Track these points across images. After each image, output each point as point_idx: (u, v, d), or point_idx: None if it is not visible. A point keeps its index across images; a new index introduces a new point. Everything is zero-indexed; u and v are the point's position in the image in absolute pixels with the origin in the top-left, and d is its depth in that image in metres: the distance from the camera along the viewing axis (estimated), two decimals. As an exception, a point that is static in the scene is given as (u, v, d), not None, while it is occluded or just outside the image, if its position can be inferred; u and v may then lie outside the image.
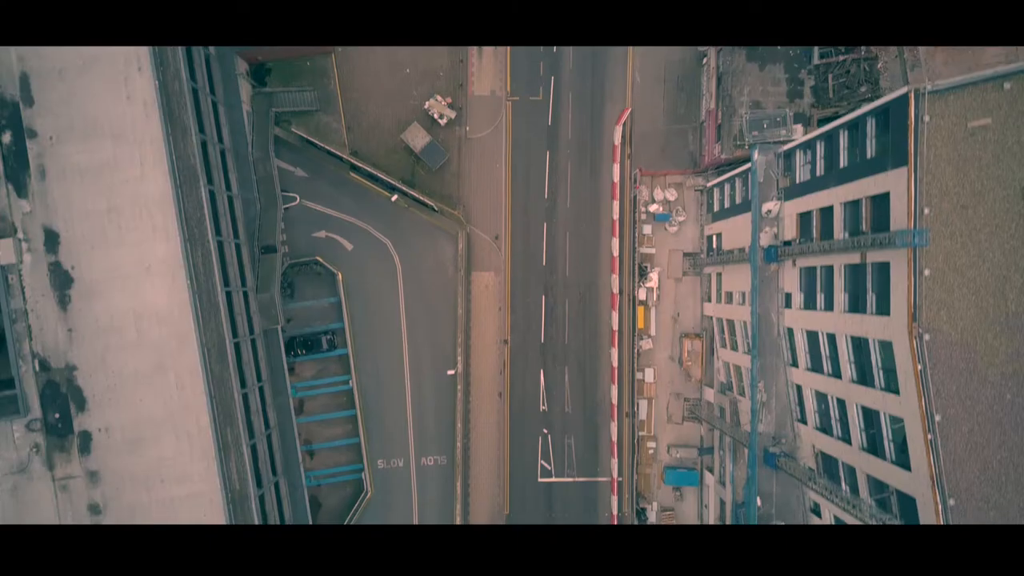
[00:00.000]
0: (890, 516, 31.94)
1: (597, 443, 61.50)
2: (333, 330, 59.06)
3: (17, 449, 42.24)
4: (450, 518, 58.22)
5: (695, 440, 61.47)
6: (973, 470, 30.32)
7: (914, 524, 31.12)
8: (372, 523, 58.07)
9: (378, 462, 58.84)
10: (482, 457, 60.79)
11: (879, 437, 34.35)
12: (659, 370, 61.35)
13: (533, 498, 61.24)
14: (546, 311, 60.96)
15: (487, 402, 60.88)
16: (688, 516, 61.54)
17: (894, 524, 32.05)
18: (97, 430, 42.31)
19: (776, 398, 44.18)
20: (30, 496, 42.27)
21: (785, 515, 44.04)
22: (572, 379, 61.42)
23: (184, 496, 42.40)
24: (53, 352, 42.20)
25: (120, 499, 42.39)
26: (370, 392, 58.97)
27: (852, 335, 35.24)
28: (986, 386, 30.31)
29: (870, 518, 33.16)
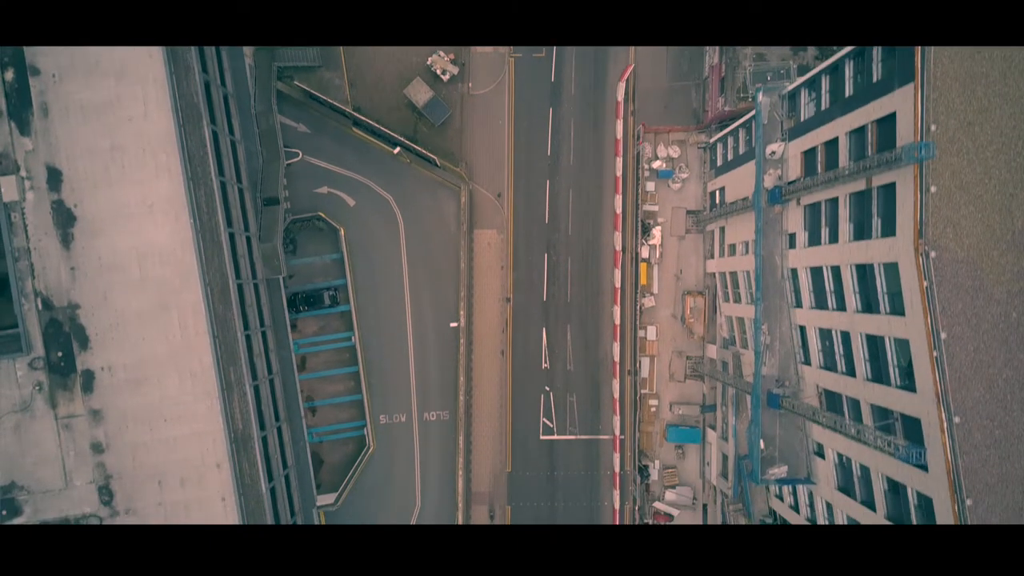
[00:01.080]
0: (894, 438, 31.89)
1: (599, 401, 61.44)
2: (335, 286, 58.97)
3: (20, 387, 42.20)
4: (452, 473, 58.22)
5: (697, 398, 61.44)
6: (979, 388, 30.24)
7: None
8: (373, 478, 58.06)
9: (380, 417, 58.81)
10: (484, 415, 60.73)
11: (884, 365, 34.29)
12: (661, 328, 61.31)
13: (535, 456, 61.20)
14: (548, 269, 60.88)
15: (489, 360, 60.81)
16: (690, 474, 61.55)
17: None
18: (100, 369, 42.27)
19: (780, 341, 44.09)
20: (33, 434, 42.25)
21: (788, 458, 43.97)
22: (574, 337, 61.35)
23: (187, 435, 42.38)
24: (56, 290, 42.13)
25: (122, 438, 42.37)
26: (372, 348, 58.90)
27: (857, 263, 35.15)
28: (992, 304, 30.22)
29: (875, 442, 33.11)
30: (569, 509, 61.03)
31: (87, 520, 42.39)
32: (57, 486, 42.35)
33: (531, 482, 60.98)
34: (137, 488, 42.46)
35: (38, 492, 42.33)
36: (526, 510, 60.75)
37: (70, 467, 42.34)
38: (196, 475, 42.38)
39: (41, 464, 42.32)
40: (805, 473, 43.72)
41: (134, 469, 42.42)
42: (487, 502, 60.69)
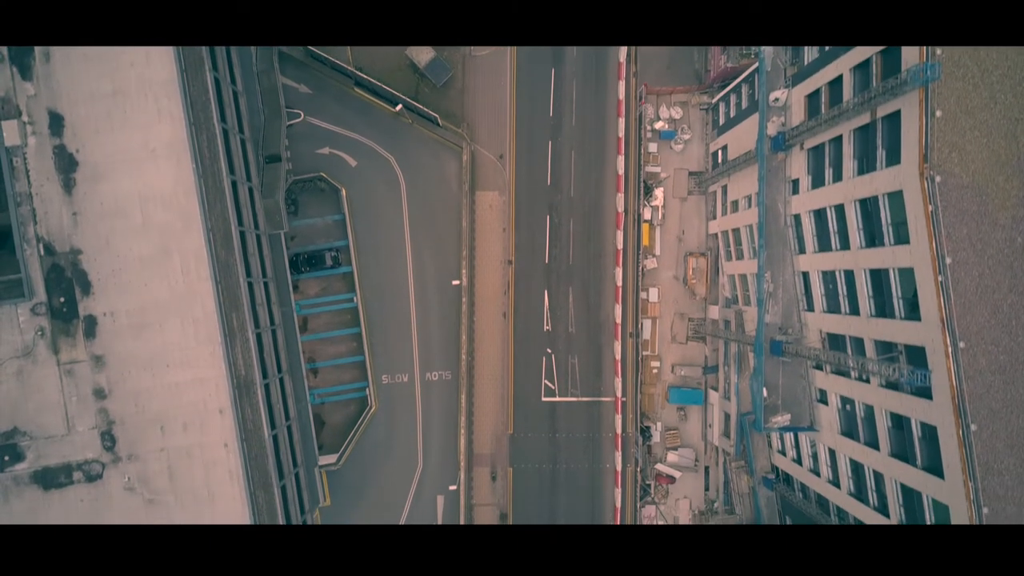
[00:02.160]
0: (897, 367, 31.87)
1: (601, 363, 61.39)
2: (337, 247, 58.86)
3: (22, 333, 42.13)
4: (454, 433, 58.19)
5: (699, 360, 61.43)
6: (983, 314, 30.22)
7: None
8: (375, 439, 58.01)
9: (382, 377, 58.75)
10: (486, 377, 60.67)
11: (888, 299, 34.27)
12: (663, 290, 61.28)
13: (537, 417, 61.14)
14: (550, 231, 60.78)
15: (491, 323, 60.71)
16: (692, 436, 61.54)
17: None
18: (102, 314, 42.19)
19: (783, 289, 44.06)
20: (35, 380, 42.18)
21: (791, 406, 43.97)
22: (576, 299, 61.27)
23: (189, 381, 42.32)
24: (58, 236, 42.04)
25: (125, 384, 42.31)
26: (374, 309, 58.81)
27: (861, 198, 35.11)
28: (997, 229, 30.19)
29: (879, 374, 33.09)
30: (571, 471, 61.01)
31: (89, 465, 42.35)
32: (59, 432, 42.30)
33: (533, 444, 60.95)
34: (139, 434, 42.40)
35: (40, 438, 42.26)
36: (528, 472, 60.73)
37: (72, 413, 42.28)
38: (198, 421, 42.31)
39: (43, 410, 42.23)
40: (808, 421, 43.72)
41: (136, 415, 42.35)
42: (489, 464, 60.66)
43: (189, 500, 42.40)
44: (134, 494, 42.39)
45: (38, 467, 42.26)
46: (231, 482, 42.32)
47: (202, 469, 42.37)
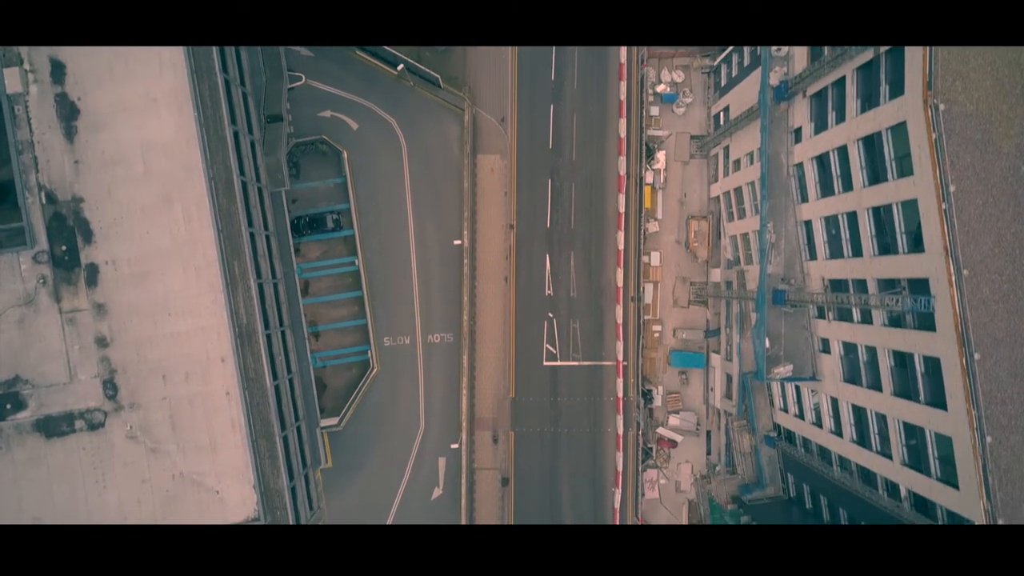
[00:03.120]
0: (900, 297, 31.83)
1: (602, 327, 61.33)
2: (338, 210, 58.78)
3: (24, 281, 42.07)
4: (456, 395, 58.14)
5: (701, 323, 61.43)
6: (987, 243, 30.18)
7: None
8: (377, 401, 57.96)
9: (384, 340, 58.70)
10: (487, 341, 60.63)
11: (891, 236, 34.24)
12: (665, 254, 61.26)
13: (538, 381, 61.11)
14: (552, 195, 60.70)
15: (492, 287, 60.65)
16: (694, 400, 61.52)
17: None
18: (104, 263, 42.12)
19: (785, 240, 44.01)
20: (37, 328, 42.10)
21: (793, 357, 43.94)
22: (577, 263, 61.21)
23: (191, 329, 42.25)
24: (59, 184, 41.97)
25: (127, 332, 42.23)
26: (376, 272, 58.74)
27: (864, 135, 35.04)
28: (1001, 158, 30.14)
29: (882, 307, 33.06)
30: (572, 435, 61.00)
31: (91, 414, 42.31)
32: (61, 380, 42.25)
33: (534, 408, 60.91)
34: (141, 382, 42.34)
35: (42, 386, 42.22)
36: (529, 435, 60.71)
37: (74, 361, 42.23)
38: (200, 369, 42.25)
39: (45, 358, 42.16)
40: (810, 372, 43.71)
41: (138, 363, 42.29)
42: (490, 427, 60.64)
43: (191, 449, 42.36)
44: (136, 442, 42.36)
45: (40, 415, 42.21)
46: (233, 431, 42.28)
47: (204, 418, 42.32)
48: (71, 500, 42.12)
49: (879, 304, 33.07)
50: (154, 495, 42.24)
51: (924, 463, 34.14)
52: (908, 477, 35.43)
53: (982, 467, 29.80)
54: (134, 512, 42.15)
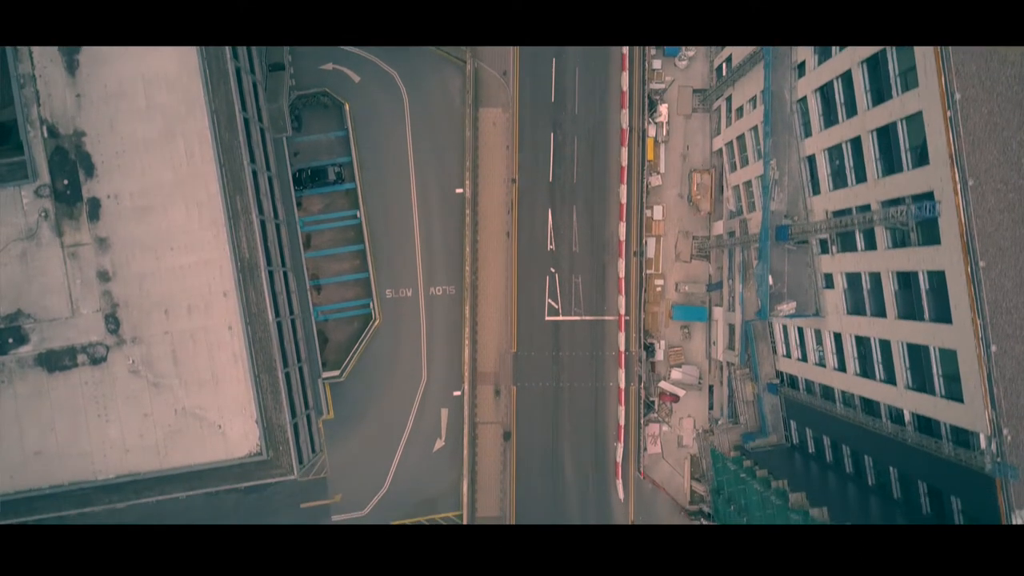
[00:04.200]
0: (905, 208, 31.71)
1: (604, 282, 61.26)
2: (340, 163, 58.68)
3: (26, 215, 42.05)
4: (458, 348, 58.06)
5: (703, 278, 61.28)
6: (992, 152, 30.04)
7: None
8: (379, 352, 57.88)
9: (386, 292, 58.62)
10: (489, 296, 60.57)
11: (896, 155, 34.13)
12: (668, 208, 61.12)
13: (540, 337, 61.04)
14: (554, 149, 60.58)
15: (494, 242, 60.53)
16: (696, 355, 61.42)
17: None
18: (106, 197, 42.09)
19: (788, 177, 43.92)
20: (39, 263, 42.11)
21: (797, 295, 43.86)
22: (580, 218, 61.11)
23: (193, 263, 42.23)
24: (61, 118, 41.91)
25: (129, 267, 42.22)
26: (378, 224, 58.66)
27: (868, 58, 34.91)
28: (1006, 66, 29.98)
29: (887, 221, 32.95)
30: (574, 389, 60.94)
31: (94, 348, 42.28)
32: (64, 314, 42.23)
33: (536, 363, 60.86)
34: (143, 316, 42.32)
35: (44, 320, 42.20)
36: (531, 390, 60.66)
37: (76, 296, 42.21)
38: (203, 303, 42.22)
39: (47, 292, 42.16)
40: (813, 309, 43.62)
41: (140, 298, 42.27)
42: (492, 382, 60.58)
43: (193, 383, 42.36)
44: (138, 377, 42.35)
45: (42, 349, 42.22)
46: (235, 365, 42.27)
47: (206, 352, 42.31)
48: (73, 434, 42.15)
49: (884, 219, 32.96)
50: (156, 429, 42.24)
51: (928, 383, 34.05)
52: (912, 400, 35.36)
53: (987, 376, 29.72)
54: (136, 446, 42.15)
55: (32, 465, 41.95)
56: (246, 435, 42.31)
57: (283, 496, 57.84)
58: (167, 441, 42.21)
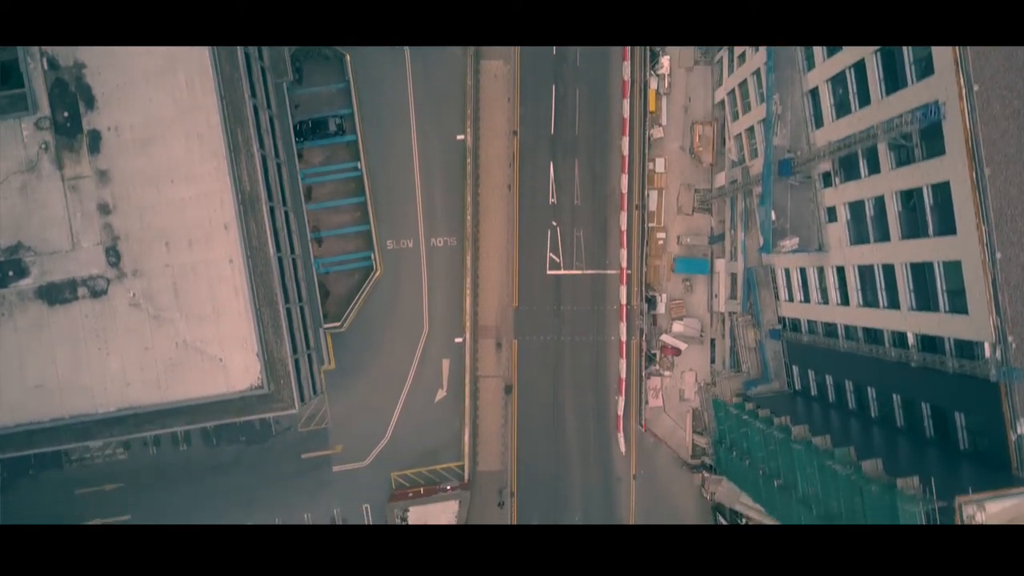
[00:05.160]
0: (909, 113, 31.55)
1: (606, 236, 61.13)
2: (341, 115, 58.49)
3: (26, 147, 41.89)
4: (459, 299, 57.92)
5: (705, 231, 61.13)
6: (997, 59, 29.82)
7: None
8: (380, 303, 57.75)
9: (387, 243, 58.47)
10: (491, 251, 60.41)
11: (900, 71, 33.95)
12: (670, 160, 60.93)
13: (541, 291, 60.93)
14: (556, 101, 60.39)
15: (496, 195, 60.37)
16: (697, 308, 61.28)
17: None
18: (106, 129, 41.93)
19: (791, 111, 43.74)
20: (39, 195, 41.97)
21: (800, 230, 43.71)
22: (582, 171, 60.96)
23: (194, 196, 42.07)
24: (61, 49, 41.70)
25: (129, 199, 42.07)
26: (379, 175, 58.48)
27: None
28: (1012, -29, 29.78)
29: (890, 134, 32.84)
30: (576, 343, 60.84)
31: (94, 281, 42.15)
32: (64, 247, 42.09)
33: (537, 317, 60.75)
34: (144, 250, 42.18)
35: (45, 253, 42.06)
36: (532, 344, 60.56)
37: (77, 228, 42.07)
38: (204, 236, 42.06)
39: (48, 225, 42.02)
40: (816, 244, 43.51)
41: (141, 231, 42.13)
42: (494, 336, 60.47)
43: (194, 316, 42.23)
44: (139, 310, 42.22)
45: (43, 282, 42.09)
46: (236, 298, 42.13)
47: (207, 285, 42.17)
48: (74, 367, 42.06)
49: (888, 132, 32.81)
50: (157, 362, 42.14)
51: (932, 301, 33.94)
52: (916, 321, 35.24)
53: (991, 282, 29.60)
54: (137, 379, 42.04)
55: (33, 398, 41.83)
56: (247, 368, 42.18)
57: (284, 447, 57.83)
58: (168, 374, 42.09)
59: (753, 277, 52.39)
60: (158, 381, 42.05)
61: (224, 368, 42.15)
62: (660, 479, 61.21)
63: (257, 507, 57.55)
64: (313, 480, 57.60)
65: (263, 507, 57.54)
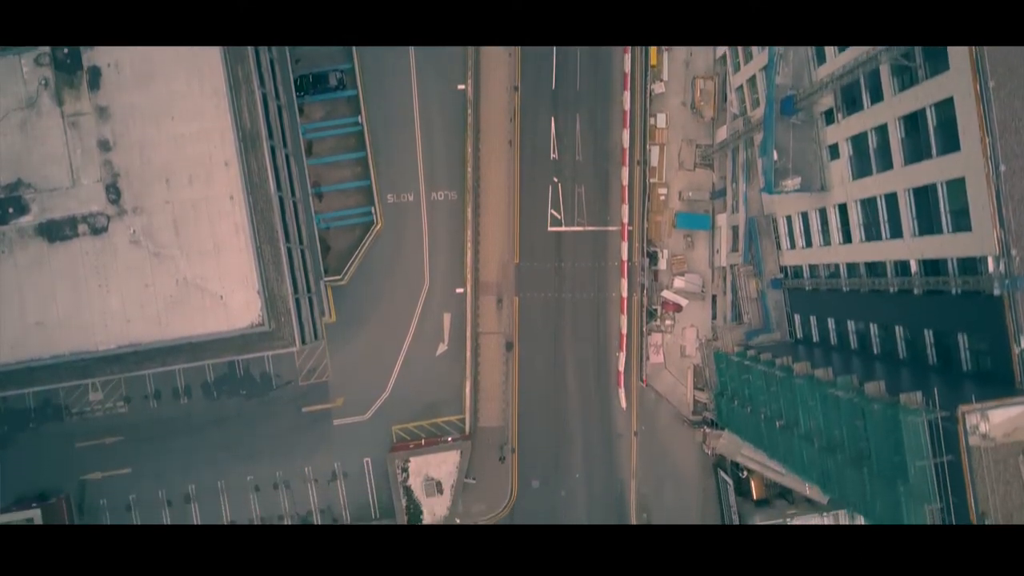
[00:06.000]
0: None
1: (607, 192, 61.01)
2: (342, 69, 58.30)
3: (26, 84, 41.78)
4: (460, 253, 57.81)
5: (706, 186, 60.91)
6: (1002, -30, 29.66)
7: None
8: (381, 257, 57.62)
9: (387, 196, 58.36)
10: (492, 207, 60.26)
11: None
12: (671, 115, 60.73)
13: (543, 247, 60.80)
14: (557, 56, 60.17)
15: (497, 151, 60.19)
16: (699, 264, 61.13)
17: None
18: (106, 65, 41.81)
19: (794, 51, 43.53)
20: (39, 132, 41.90)
21: (802, 169, 43.52)
22: (583, 126, 60.82)
23: (195, 132, 41.99)
24: (61, -15, 41.50)
25: (129, 135, 41.97)
26: (379, 130, 58.33)
27: None
28: None
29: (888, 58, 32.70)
30: (577, 300, 60.74)
31: (95, 218, 42.04)
32: (64, 184, 41.99)
33: (539, 273, 60.63)
34: (145, 186, 42.09)
35: (45, 190, 41.96)
36: (534, 300, 60.45)
37: (77, 165, 41.97)
38: (204, 173, 41.96)
39: (48, 162, 41.94)
40: (819, 184, 43.37)
41: (141, 167, 42.03)
42: (495, 292, 60.35)
43: (195, 253, 42.15)
44: (139, 247, 42.13)
45: (43, 219, 42.02)
46: (237, 235, 42.05)
47: (207, 222, 42.09)
48: (74, 304, 42.00)
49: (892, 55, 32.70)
50: (157, 299, 42.06)
51: (936, 223, 33.82)
52: (919, 246, 35.12)
53: (995, 195, 29.46)
54: (137, 316, 41.95)
55: (33, 335, 41.79)
56: (247, 305, 42.10)
57: (284, 401, 57.78)
58: (168, 311, 42.01)
59: (755, 227, 52.25)
60: (158, 318, 41.96)
61: (225, 305, 42.07)
62: (661, 435, 61.13)
63: (258, 461, 57.55)
64: (314, 434, 57.56)
65: (264, 461, 57.54)
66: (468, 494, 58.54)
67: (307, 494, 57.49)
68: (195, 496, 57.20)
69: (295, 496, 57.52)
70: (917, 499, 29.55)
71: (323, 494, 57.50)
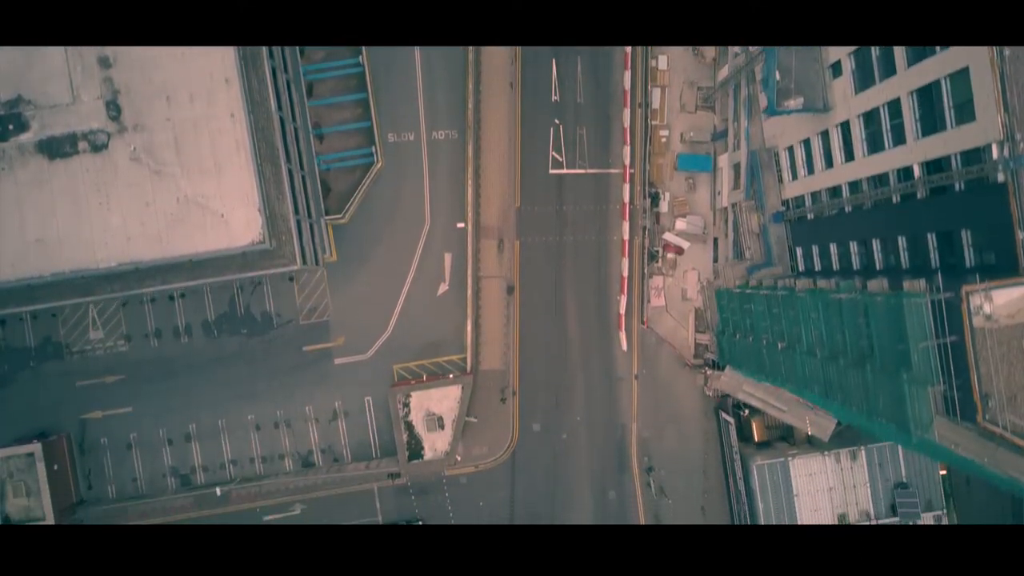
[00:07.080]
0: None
1: (609, 134, 60.87)
2: (343, 10, 58.14)
3: None
4: (461, 193, 57.68)
5: (708, 128, 60.75)
6: None
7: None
8: (381, 195, 57.50)
9: (388, 135, 58.21)
10: (493, 149, 60.09)
11: None
12: (673, 58, 60.50)
13: (544, 190, 60.71)
14: (558, -1, 59.99)
15: (498, 93, 59.93)
16: (701, 206, 61.03)
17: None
18: (106, -19, 41.55)
19: (796, -30, 43.38)
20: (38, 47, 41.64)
21: (804, 89, 43.40)
22: (584, 67, 60.63)
23: (194, 49, 41.71)
24: (61, -99, 41.35)
25: (130, 52, 41.84)
26: (380, 69, 58.16)
27: None
28: None
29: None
30: (578, 243, 60.67)
31: (95, 135, 41.91)
32: (64, 101, 41.86)
33: (540, 217, 60.55)
34: (145, 104, 41.96)
35: (45, 107, 41.83)
36: (535, 244, 60.37)
37: (77, 82, 41.82)
38: (205, 91, 41.83)
39: (48, 78, 41.78)
40: (821, 103, 43.26)
41: (142, 84, 41.90)
42: (495, 236, 60.26)
43: (195, 171, 42.04)
44: (140, 164, 42.02)
45: (43, 136, 41.89)
46: (238, 153, 41.93)
47: (208, 140, 41.97)
48: (75, 222, 41.90)
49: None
50: (158, 217, 41.97)
51: (940, 121, 33.71)
52: (923, 148, 35.01)
53: (999, 78, 29.32)
54: (138, 234, 41.87)
55: (33, 253, 41.70)
56: (248, 224, 42.00)
57: (285, 339, 57.71)
58: (169, 229, 41.92)
59: (757, 161, 52.13)
60: (159, 236, 41.88)
61: (226, 223, 41.98)
62: (662, 379, 61.10)
63: (259, 400, 57.51)
64: (315, 373, 57.51)
65: (265, 400, 57.50)
66: (469, 437, 58.51)
67: (308, 433, 57.46)
68: (196, 435, 57.16)
69: (296, 435, 57.50)
70: (920, 383, 29.49)
71: (324, 433, 57.48)
